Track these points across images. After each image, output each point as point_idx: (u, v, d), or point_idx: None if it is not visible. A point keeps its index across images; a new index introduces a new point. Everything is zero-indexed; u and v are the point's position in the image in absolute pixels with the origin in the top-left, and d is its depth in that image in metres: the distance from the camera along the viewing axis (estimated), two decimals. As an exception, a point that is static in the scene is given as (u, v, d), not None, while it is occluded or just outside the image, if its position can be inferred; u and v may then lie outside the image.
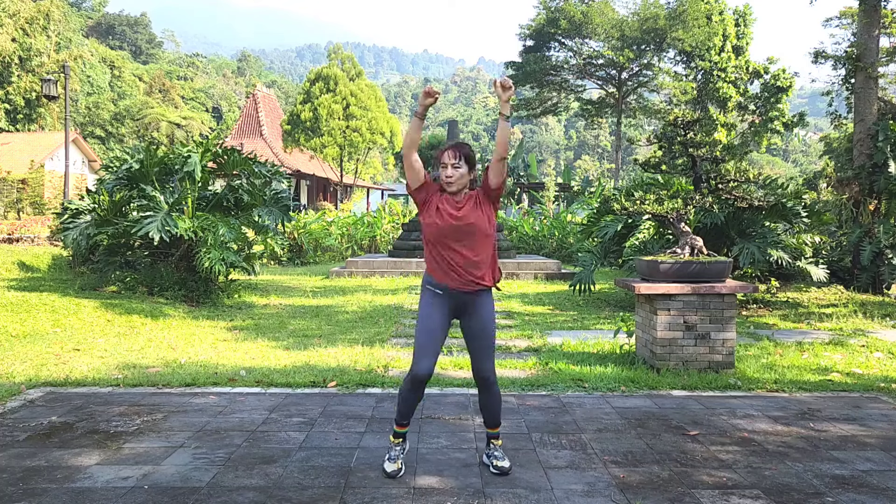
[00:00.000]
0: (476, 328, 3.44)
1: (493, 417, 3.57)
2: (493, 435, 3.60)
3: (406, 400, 3.47)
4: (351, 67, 37.78)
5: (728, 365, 5.78)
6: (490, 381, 3.48)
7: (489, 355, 3.46)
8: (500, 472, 3.49)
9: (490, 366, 3.47)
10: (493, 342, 3.48)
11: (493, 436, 3.60)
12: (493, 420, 3.58)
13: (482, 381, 3.49)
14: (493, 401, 3.53)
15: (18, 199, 22.37)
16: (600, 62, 34.89)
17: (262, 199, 10.62)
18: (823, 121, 51.65)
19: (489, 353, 3.46)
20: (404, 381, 3.47)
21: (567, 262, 17.38)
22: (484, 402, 3.55)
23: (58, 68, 35.83)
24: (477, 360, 3.47)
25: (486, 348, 3.45)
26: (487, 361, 3.46)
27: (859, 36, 12.59)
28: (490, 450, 3.60)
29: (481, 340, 3.45)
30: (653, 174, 9.83)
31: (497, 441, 3.61)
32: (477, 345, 3.46)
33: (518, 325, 8.40)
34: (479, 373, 3.48)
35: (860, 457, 3.82)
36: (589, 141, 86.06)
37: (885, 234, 11.40)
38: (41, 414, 4.49)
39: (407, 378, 3.44)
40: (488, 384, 3.49)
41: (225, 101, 70.54)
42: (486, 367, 3.46)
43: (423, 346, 3.38)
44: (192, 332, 7.82)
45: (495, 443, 3.60)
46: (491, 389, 3.50)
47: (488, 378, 3.47)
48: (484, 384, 3.50)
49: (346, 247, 19.76)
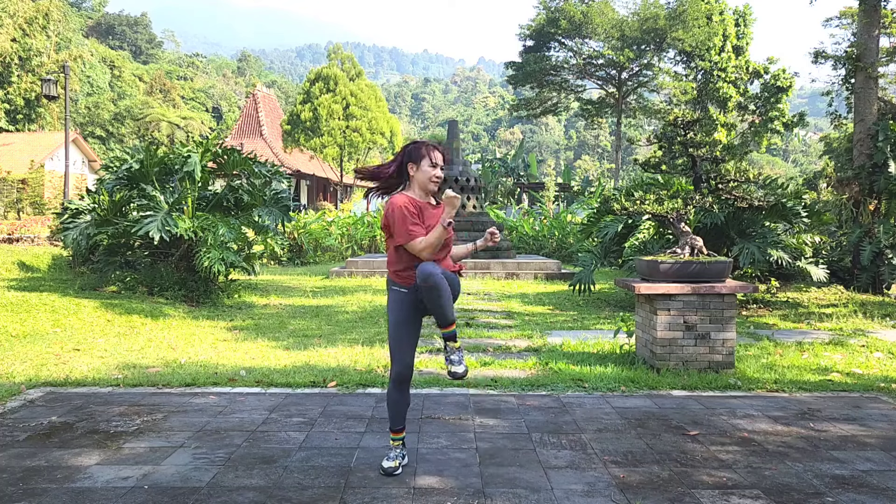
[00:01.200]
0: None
1: (442, 313, 3.25)
2: (447, 335, 3.35)
3: (396, 403, 3.45)
4: (351, 67, 37.82)
5: (728, 365, 5.78)
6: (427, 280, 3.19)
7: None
8: (453, 377, 3.35)
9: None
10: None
11: (449, 336, 3.35)
12: (443, 316, 3.27)
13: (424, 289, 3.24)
14: (437, 293, 3.19)
15: (18, 199, 22.38)
16: (600, 62, 34.91)
17: (262, 199, 10.62)
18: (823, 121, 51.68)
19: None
20: (389, 386, 3.46)
21: (567, 262, 17.37)
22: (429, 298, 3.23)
23: (58, 68, 35.84)
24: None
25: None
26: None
27: (859, 36, 12.59)
28: (447, 352, 3.38)
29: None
30: (653, 174, 9.83)
31: (454, 343, 3.37)
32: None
33: (518, 325, 8.40)
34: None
35: (860, 457, 3.82)
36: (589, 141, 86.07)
37: (885, 234, 11.40)
38: (41, 414, 4.49)
39: (391, 381, 3.44)
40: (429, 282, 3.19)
41: (225, 101, 70.55)
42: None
43: (398, 346, 3.39)
44: (192, 332, 7.82)
45: (451, 345, 3.37)
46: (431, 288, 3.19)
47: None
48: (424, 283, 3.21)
49: (346, 247, 19.76)
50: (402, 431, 3.53)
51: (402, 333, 3.40)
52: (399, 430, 3.52)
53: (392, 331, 3.42)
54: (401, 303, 3.41)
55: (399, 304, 3.41)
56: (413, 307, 3.41)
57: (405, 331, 3.40)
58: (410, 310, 3.41)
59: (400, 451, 3.53)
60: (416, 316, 3.43)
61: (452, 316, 3.32)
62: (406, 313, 3.40)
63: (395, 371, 3.40)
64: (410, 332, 3.41)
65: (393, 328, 3.42)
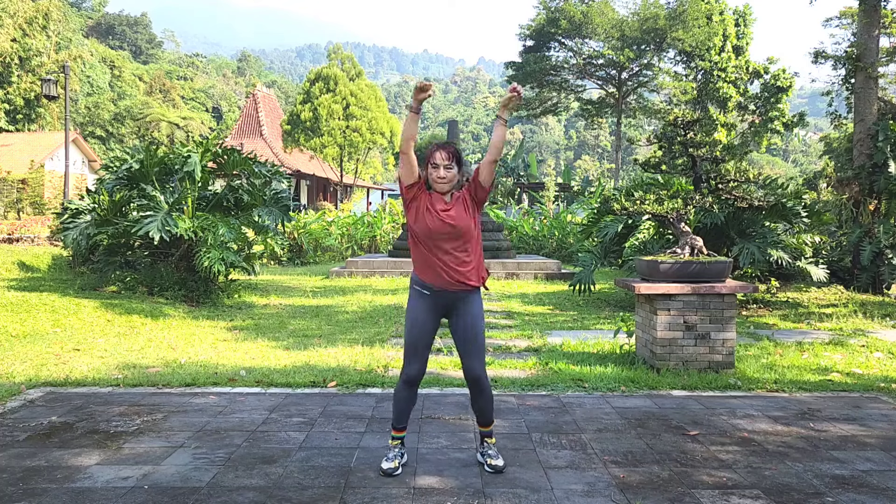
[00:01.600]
0: (464, 327, 3.42)
1: (486, 416, 3.55)
2: (486, 433, 3.59)
3: (401, 402, 3.47)
4: (351, 67, 37.80)
5: (728, 365, 5.78)
6: (481, 380, 3.45)
7: (479, 354, 3.43)
8: (494, 471, 3.48)
9: (480, 365, 3.43)
10: (482, 341, 3.45)
11: (486, 434, 3.59)
12: (486, 419, 3.56)
13: (473, 381, 3.46)
14: (484, 399, 3.50)
15: (18, 199, 22.37)
16: (600, 62, 34.91)
17: (262, 199, 10.62)
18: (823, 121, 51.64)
19: (479, 352, 3.43)
20: (398, 384, 3.48)
21: (567, 262, 17.37)
22: (476, 401, 3.52)
23: (58, 68, 35.83)
24: (467, 360, 3.44)
25: (476, 347, 3.43)
26: (477, 360, 3.43)
27: (859, 36, 12.59)
28: (484, 448, 3.59)
29: (470, 339, 3.42)
30: (653, 174, 9.83)
31: (490, 440, 3.59)
32: (466, 344, 3.43)
33: (518, 325, 8.40)
34: (470, 372, 3.44)
35: (860, 457, 3.82)
36: (589, 141, 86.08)
37: (885, 234, 11.40)
38: (41, 414, 4.49)
39: (400, 380, 3.45)
40: (479, 383, 3.45)
41: (225, 101, 70.54)
42: (475, 366, 3.43)
43: (413, 347, 3.39)
44: (192, 332, 7.82)
45: (489, 441, 3.59)
46: (482, 389, 3.47)
47: (479, 377, 3.44)
48: (475, 384, 3.46)
49: (346, 247, 19.76)
50: (403, 430, 3.54)
51: (418, 336, 3.40)
52: (401, 429, 3.53)
53: (408, 331, 3.42)
54: (419, 304, 3.41)
55: (417, 306, 3.41)
56: (432, 310, 3.40)
57: (421, 334, 3.40)
58: (428, 313, 3.40)
59: (399, 451, 3.53)
60: (435, 318, 3.43)
61: (493, 417, 3.58)
62: (424, 316, 3.40)
63: (407, 372, 3.40)
64: (426, 335, 3.41)
65: (409, 328, 3.41)
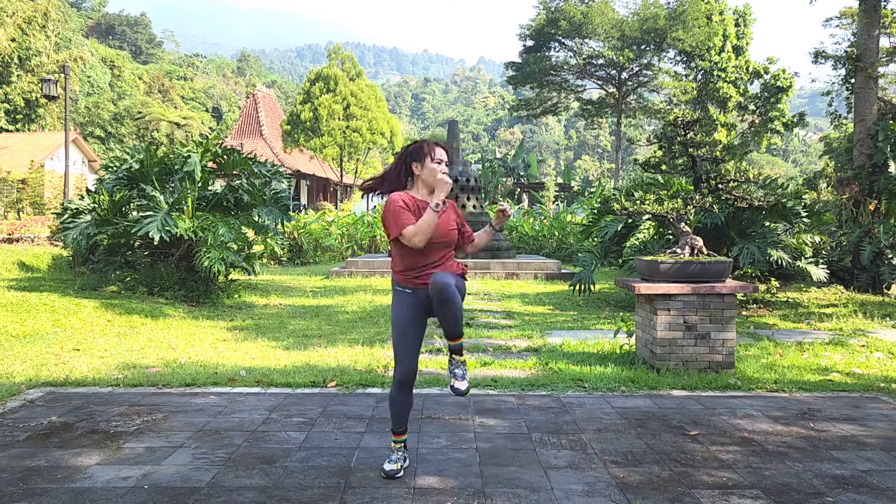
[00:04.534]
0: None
1: (452, 326, 3.22)
2: (454, 348, 3.31)
3: (398, 404, 3.42)
4: (351, 67, 37.82)
5: (728, 365, 5.78)
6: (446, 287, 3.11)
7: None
8: (456, 394, 3.31)
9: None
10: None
11: (455, 349, 3.31)
12: (452, 329, 3.24)
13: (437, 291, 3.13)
14: (450, 307, 3.14)
15: (18, 199, 22.38)
16: (600, 62, 34.94)
17: (262, 199, 10.62)
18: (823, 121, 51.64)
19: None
20: (392, 386, 3.43)
21: (567, 262, 17.37)
22: (438, 310, 3.16)
23: (57, 68, 35.83)
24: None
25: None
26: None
27: (859, 36, 12.59)
28: (452, 365, 3.33)
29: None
30: (653, 174, 9.83)
31: (460, 357, 3.33)
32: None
33: (518, 325, 8.40)
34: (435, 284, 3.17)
35: (860, 457, 3.82)
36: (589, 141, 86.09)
37: (885, 234, 11.40)
38: (41, 414, 4.49)
39: (394, 383, 3.41)
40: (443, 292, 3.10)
41: (225, 101, 70.53)
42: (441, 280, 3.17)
43: (403, 348, 3.36)
44: (192, 332, 7.82)
45: (457, 358, 3.32)
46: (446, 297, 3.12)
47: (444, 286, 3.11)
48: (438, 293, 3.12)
49: (346, 247, 19.76)
50: (403, 434, 3.50)
51: (406, 336, 3.36)
52: (401, 433, 3.49)
53: (395, 333, 3.38)
54: (404, 304, 3.37)
55: (402, 306, 3.38)
56: (417, 309, 3.37)
57: (409, 333, 3.36)
58: (414, 311, 3.37)
59: (402, 454, 3.51)
60: (421, 318, 3.39)
61: (461, 329, 3.27)
62: (410, 315, 3.36)
63: (399, 374, 3.36)
64: (414, 334, 3.37)
65: (396, 330, 3.38)
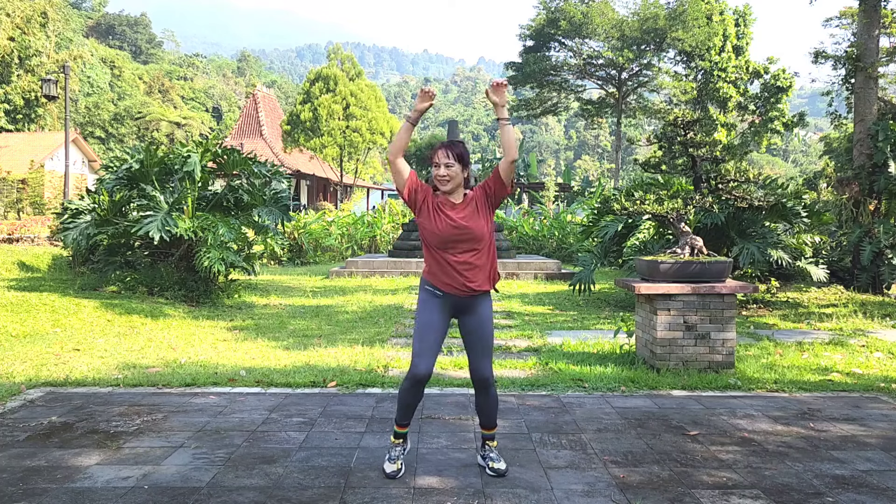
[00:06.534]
0: (473, 327, 3.40)
1: (490, 419, 3.52)
2: (488, 436, 3.56)
3: (406, 400, 3.43)
4: (351, 67, 37.81)
5: (728, 365, 5.78)
6: (488, 381, 3.43)
7: (487, 356, 3.42)
8: (496, 474, 3.46)
9: (488, 366, 3.42)
10: (490, 343, 3.43)
11: (489, 437, 3.56)
12: (490, 421, 3.52)
13: (479, 382, 3.44)
14: (490, 402, 3.48)
15: (18, 199, 22.37)
16: (600, 62, 34.92)
17: (262, 199, 10.62)
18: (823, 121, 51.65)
19: (487, 354, 3.42)
20: (404, 381, 3.43)
21: (567, 262, 17.37)
22: (481, 403, 3.49)
23: (57, 68, 35.84)
24: (474, 360, 3.43)
25: (484, 348, 3.41)
26: (485, 362, 3.41)
27: (859, 36, 12.59)
28: (485, 451, 3.55)
29: (478, 340, 3.40)
30: (653, 174, 9.83)
31: (492, 443, 3.56)
32: (474, 344, 3.41)
33: (518, 325, 8.40)
34: (477, 373, 3.42)
35: (860, 457, 3.82)
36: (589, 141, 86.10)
37: (885, 234, 11.40)
38: (41, 414, 4.49)
39: (406, 378, 3.40)
40: (486, 385, 3.44)
41: (225, 101, 70.54)
42: (483, 366, 3.41)
43: (422, 346, 3.35)
44: (192, 332, 7.81)
45: (490, 444, 3.56)
46: (489, 391, 3.45)
47: (486, 378, 3.42)
48: (481, 385, 3.44)
49: (346, 247, 19.75)
50: (406, 426, 3.52)
51: (427, 335, 3.35)
52: (404, 425, 3.51)
53: (417, 331, 3.38)
54: (430, 304, 3.38)
55: (427, 305, 3.39)
56: (442, 311, 3.37)
57: (430, 333, 3.36)
58: (438, 312, 3.37)
59: (401, 451, 3.52)
60: (444, 319, 3.40)
61: (496, 419, 3.56)
62: (434, 316, 3.37)
63: (414, 372, 3.34)
64: (436, 335, 3.37)
65: (419, 329, 3.37)
